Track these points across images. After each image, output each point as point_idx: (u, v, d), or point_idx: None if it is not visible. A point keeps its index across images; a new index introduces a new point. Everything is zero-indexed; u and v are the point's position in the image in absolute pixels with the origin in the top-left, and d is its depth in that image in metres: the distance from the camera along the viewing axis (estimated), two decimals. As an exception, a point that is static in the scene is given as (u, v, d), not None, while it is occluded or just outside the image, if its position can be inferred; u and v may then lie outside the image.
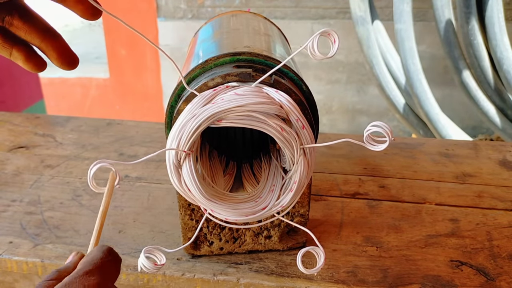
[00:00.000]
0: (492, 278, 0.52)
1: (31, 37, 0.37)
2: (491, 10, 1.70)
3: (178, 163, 0.40)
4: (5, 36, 0.37)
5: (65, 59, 0.38)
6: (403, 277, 0.52)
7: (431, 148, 0.81)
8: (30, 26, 0.37)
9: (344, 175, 0.72)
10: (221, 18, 0.62)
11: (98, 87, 2.72)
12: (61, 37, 0.38)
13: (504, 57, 1.69)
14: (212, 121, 0.39)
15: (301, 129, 0.40)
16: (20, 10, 0.36)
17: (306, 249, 0.41)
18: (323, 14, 2.41)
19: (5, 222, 0.61)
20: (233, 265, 0.53)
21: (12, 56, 0.38)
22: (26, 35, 0.37)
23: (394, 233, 0.59)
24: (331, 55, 0.36)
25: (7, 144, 0.84)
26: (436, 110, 1.86)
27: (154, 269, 0.40)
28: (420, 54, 1.90)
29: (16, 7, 0.36)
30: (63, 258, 0.55)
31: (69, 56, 0.38)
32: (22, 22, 0.36)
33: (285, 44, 0.59)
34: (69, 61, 0.38)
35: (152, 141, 0.84)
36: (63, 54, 0.38)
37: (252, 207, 0.43)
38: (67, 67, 0.39)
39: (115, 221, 0.61)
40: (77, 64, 0.39)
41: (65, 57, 0.38)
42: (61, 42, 0.38)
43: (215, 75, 0.43)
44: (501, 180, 0.71)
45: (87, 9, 0.37)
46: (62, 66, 0.38)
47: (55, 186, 0.70)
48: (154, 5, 2.51)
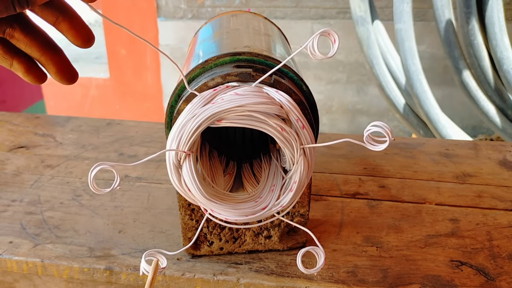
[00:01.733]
0: (492, 278, 0.52)
1: (31, 50, 0.37)
2: (491, 10, 1.70)
3: (178, 163, 0.40)
4: (6, 47, 0.37)
5: (64, 74, 0.38)
6: (403, 277, 0.52)
7: (431, 148, 0.81)
8: (31, 39, 0.37)
9: (344, 175, 0.72)
10: (221, 18, 0.62)
11: (98, 87, 2.73)
12: (61, 51, 0.38)
13: (504, 57, 1.69)
14: (212, 121, 0.39)
15: (301, 129, 0.40)
16: (22, 23, 0.36)
17: (306, 249, 0.41)
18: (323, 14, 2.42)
19: (5, 222, 0.61)
20: (233, 265, 0.53)
21: (12, 67, 0.38)
22: (26, 47, 0.37)
23: (394, 233, 0.59)
24: (331, 55, 0.36)
25: (7, 144, 0.84)
26: (436, 110, 1.86)
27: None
28: (420, 54, 1.90)
29: (18, 19, 0.36)
30: (63, 258, 0.55)
31: (68, 71, 0.39)
32: (23, 35, 0.36)
33: (285, 44, 0.59)
34: (68, 77, 0.39)
35: (152, 141, 0.84)
36: (62, 69, 0.38)
37: (252, 207, 0.43)
38: (65, 82, 0.39)
39: (115, 221, 0.61)
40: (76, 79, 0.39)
41: (64, 72, 0.38)
42: (61, 56, 0.38)
43: (215, 75, 0.43)
44: (501, 180, 0.71)
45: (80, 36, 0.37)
46: (60, 80, 0.39)
47: (55, 186, 0.70)
48: (154, 5, 2.51)
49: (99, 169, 0.36)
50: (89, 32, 0.38)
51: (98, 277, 0.54)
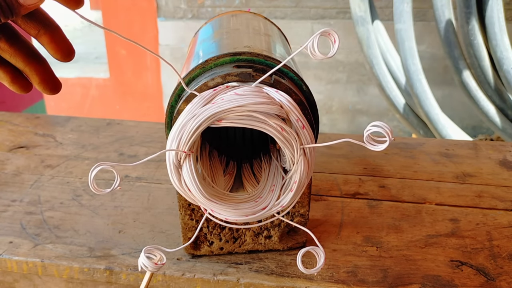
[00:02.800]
0: (492, 278, 0.52)
1: (15, 60, 0.37)
2: (491, 10, 1.70)
3: (178, 163, 0.40)
4: None
5: (47, 84, 0.39)
6: (403, 277, 0.52)
7: (431, 148, 0.81)
8: (15, 50, 0.37)
9: (344, 175, 0.72)
10: (221, 18, 0.62)
11: (98, 87, 2.73)
12: (46, 62, 0.39)
13: (504, 57, 1.69)
14: (212, 121, 0.39)
15: (301, 129, 0.40)
16: (7, 33, 0.36)
17: (306, 249, 0.41)
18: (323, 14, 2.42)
19: (5, 222, 0.61)
20: (233, 265, 0.53)
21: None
22: (11, 58, 0.37)
23: (394, 233, 0.59)
24: (331, 55, 0.36)
25: (7, 144, 0.84)
26: (436, 110, 1.86)
27: (155, 268, 0.40)
28: (420, 54, 1.90)
29: (3, 30, 0.36)
30: (63, 258, 0.55)
31: (51, 82, 0.39)
32: (8, 45, 0.36)
33: (285, 44, 0.59)
34: (51, 87, 0.39)
35: (152, 141, 0.84)
36: (45, 79, 0.38)
37: (252, 207, 0.43)
38: (49, 92, 0.39)
39: (115, 221, 0.61)
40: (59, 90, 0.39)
41: (48, 83, 0.39)
42: (45, 67, 0.38)
43: (215, 75, 0.43)
44: (501, 180, 0.71)
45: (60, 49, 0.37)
46: (44, 90, 0.39)
47: (55, 186, 0.70)
48: (154, 5, 2.52)
49: (99, 169, 0.36)
50: (69, 46, 0.38)
51: (98, 277, 0.54)
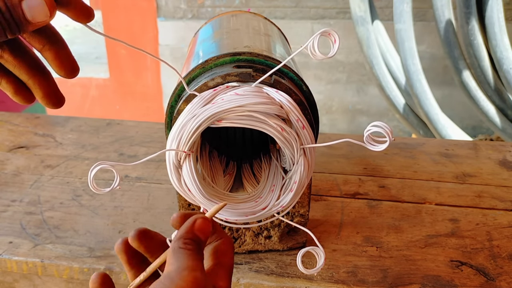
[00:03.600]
0: (492, 278, 0.51)
1: (19, 72, 0.37)
2: (491, 10, 1.70)
3: (178, 163, 0.40)
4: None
5: (50, 99, 0.38)
6: (403, 277, 0.52)
7: (431, 148, 0.81)
8: (19, 62, 0.36)
9: (344, 175, 0.72)
10: (221, 18, 0.62)
11: (98, 87, 2.72)
12: (50, 75, 0.38)
13: (504, 57, 1.69)
14: (212, 121, 0.39)
15: (301, 129, 0.40)
16: (12, 45, 0.36)
17: (306, 249, 0.41)
18: (323, 14, 2.42)
19: (5, 222, 0.61)
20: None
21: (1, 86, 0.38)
22: (15, 69, 0.37)
23: (394, 233, 0.59)
24: (332, 55, 0.36)
25: (7, 144, 0.84)
26: (436, 110, 1.86)
27: None
28: (420, 54, 1.90)
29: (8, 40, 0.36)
30: (63, 258, 0.55)
31: (55, 97, 0.38)
32: (12, 56, 0.36)
33: (285, 44, 0.59)
34: (54, 102, 0.38)
35: (152, 141, 0.84)
36: (49, 93, 0.38)
37: (252, 207, 0.43)
38: (52, 106, 0.38)
39: (115, 221, 0.61)
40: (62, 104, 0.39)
41: (51, 98, 0.38)
42: (49, 81, 0.38)
43: (215, 75, 0.43)
44: (501, 180, 0.71)
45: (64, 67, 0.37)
46: (47, 105, 0.38)
47: (55, 186, 0.70)
48: (154, 5, 2.51)
49: (99, 168, 0.36)
50: (74, 64, 0.37)
51: (98, 277, 0.54)
